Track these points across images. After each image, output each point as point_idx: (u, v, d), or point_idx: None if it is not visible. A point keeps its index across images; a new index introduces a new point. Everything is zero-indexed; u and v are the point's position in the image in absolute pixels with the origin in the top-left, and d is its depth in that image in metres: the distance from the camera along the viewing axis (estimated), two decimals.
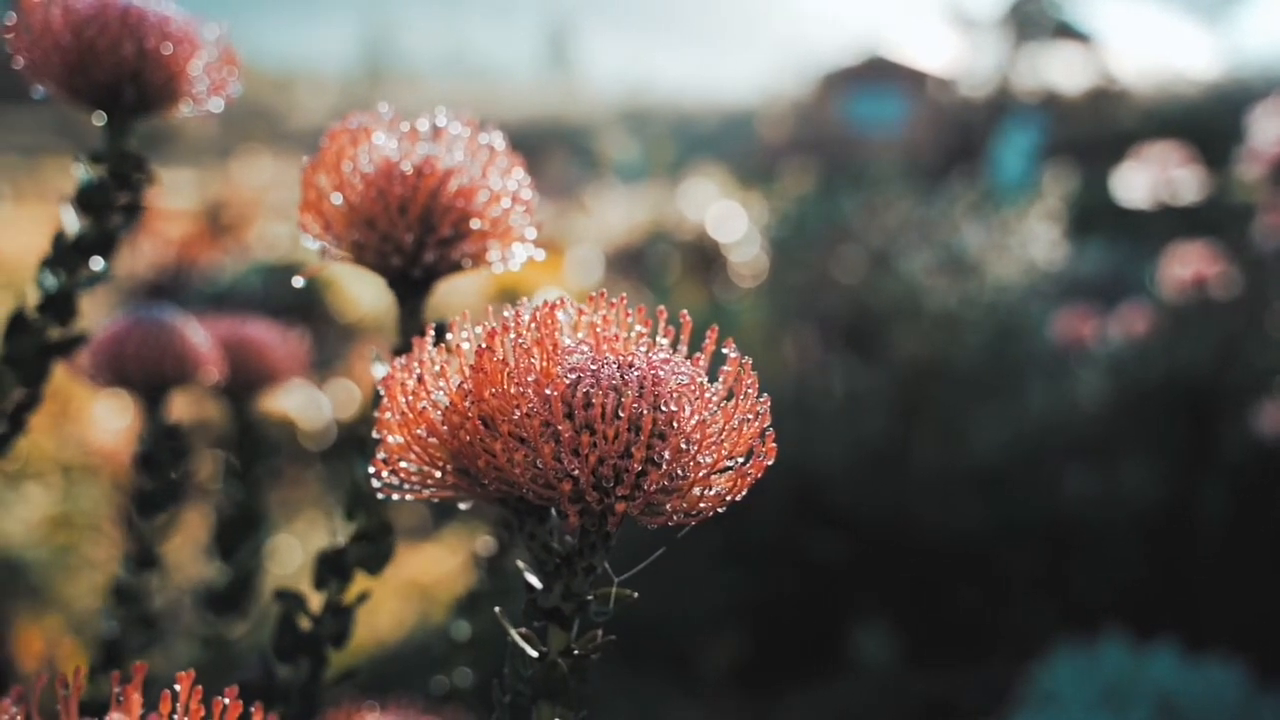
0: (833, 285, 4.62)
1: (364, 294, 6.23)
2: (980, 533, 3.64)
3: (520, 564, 0.74)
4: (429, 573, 3.91)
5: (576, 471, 0.65)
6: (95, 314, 3.80)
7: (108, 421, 3.78)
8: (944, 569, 3.68)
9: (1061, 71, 19.38)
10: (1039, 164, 10.52)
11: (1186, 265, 3.92)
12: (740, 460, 0.69)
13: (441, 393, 0.71)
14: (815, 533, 3.71)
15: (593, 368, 0.67)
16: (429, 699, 1.28)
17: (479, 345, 0.69)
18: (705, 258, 6.94)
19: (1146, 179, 4.58)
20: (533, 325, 0.69)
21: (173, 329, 1.35)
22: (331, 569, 0.96)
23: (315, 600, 0.99)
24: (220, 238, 8.64)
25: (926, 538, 3.65)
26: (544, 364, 0.67)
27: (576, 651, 0.72)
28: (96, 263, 1.03)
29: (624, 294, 0.73)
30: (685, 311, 0.73)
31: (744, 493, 0.69)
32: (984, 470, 3.75)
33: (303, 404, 4.65)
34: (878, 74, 20.70)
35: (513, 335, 0.68)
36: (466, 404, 0.69)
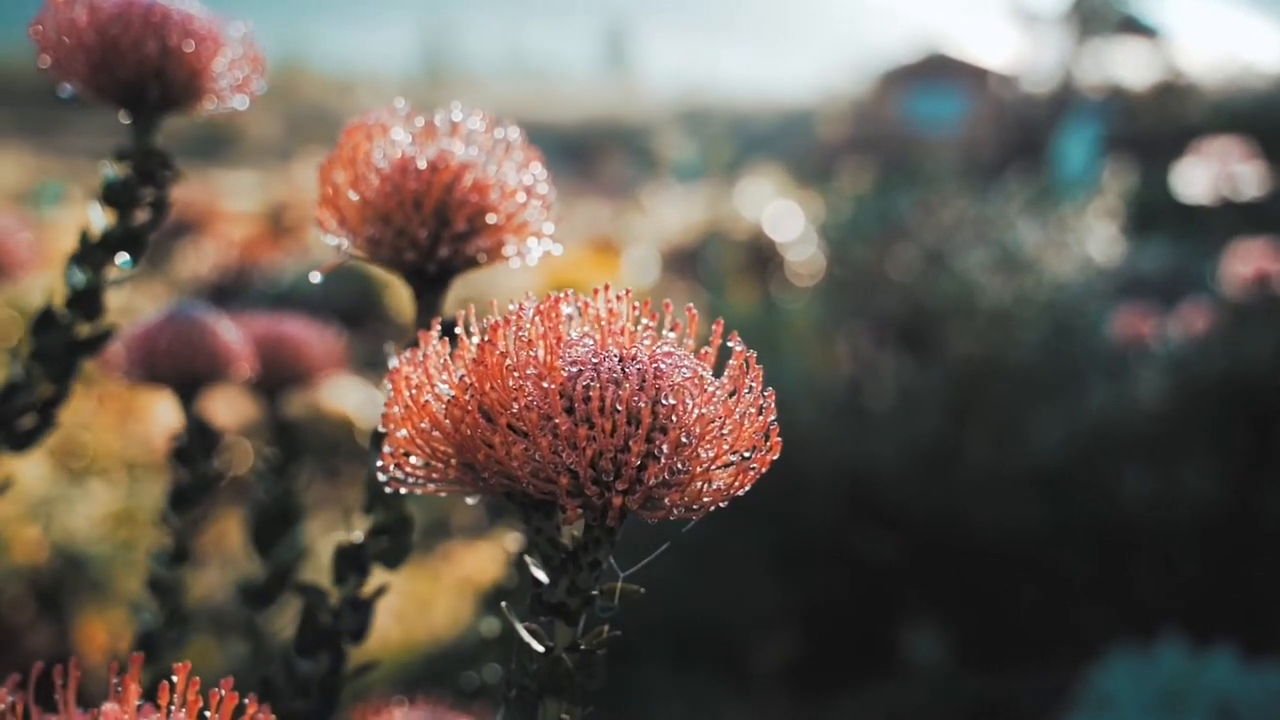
0: (887, 284, 4.58)
1: None
2: (1036, 533, 3.59)
3: (528, 559, 0.74)
4: (484, 570, 3.92)
5: (574, 465, 0.64)
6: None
7: (170, 419, 3.83)
8: (998, 570, 3.63)
9: (1126, 66, 19.10)
10: (1101, 158, 10.37)
11: (1248, 262, 3.84)
12: (744, 454, 0.68)
13: (445, 386, 0.71)
14: (868, 533, 3.68)
15: (594, 361, 0.67)
16: (460, 695, 1.28)
17: (482, 338, 0.69)
18: (761, 257, 6.93)
19: (1208, 174, 4.50)
20: (536, 319, 0.68)
21: (204, 326, 1.36)
22: (350, 564, 0.96)
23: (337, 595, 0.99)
24: (282, 239, 8.75)
25: (980, 538, 3.61)
26: (546, 357, 0.66)
27: (583, 647, 0.71)
28: (122, 259, 1.04)
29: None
30: (691, 306, 0.72)
31: (747, 487, 0.68)
32: (1040, 470, 3.70)
33: (360, 402, 4.70)
34: (938, 71, 20.55)
35: (515, 328, 0.68)
36: (468, 397, 0.68)
